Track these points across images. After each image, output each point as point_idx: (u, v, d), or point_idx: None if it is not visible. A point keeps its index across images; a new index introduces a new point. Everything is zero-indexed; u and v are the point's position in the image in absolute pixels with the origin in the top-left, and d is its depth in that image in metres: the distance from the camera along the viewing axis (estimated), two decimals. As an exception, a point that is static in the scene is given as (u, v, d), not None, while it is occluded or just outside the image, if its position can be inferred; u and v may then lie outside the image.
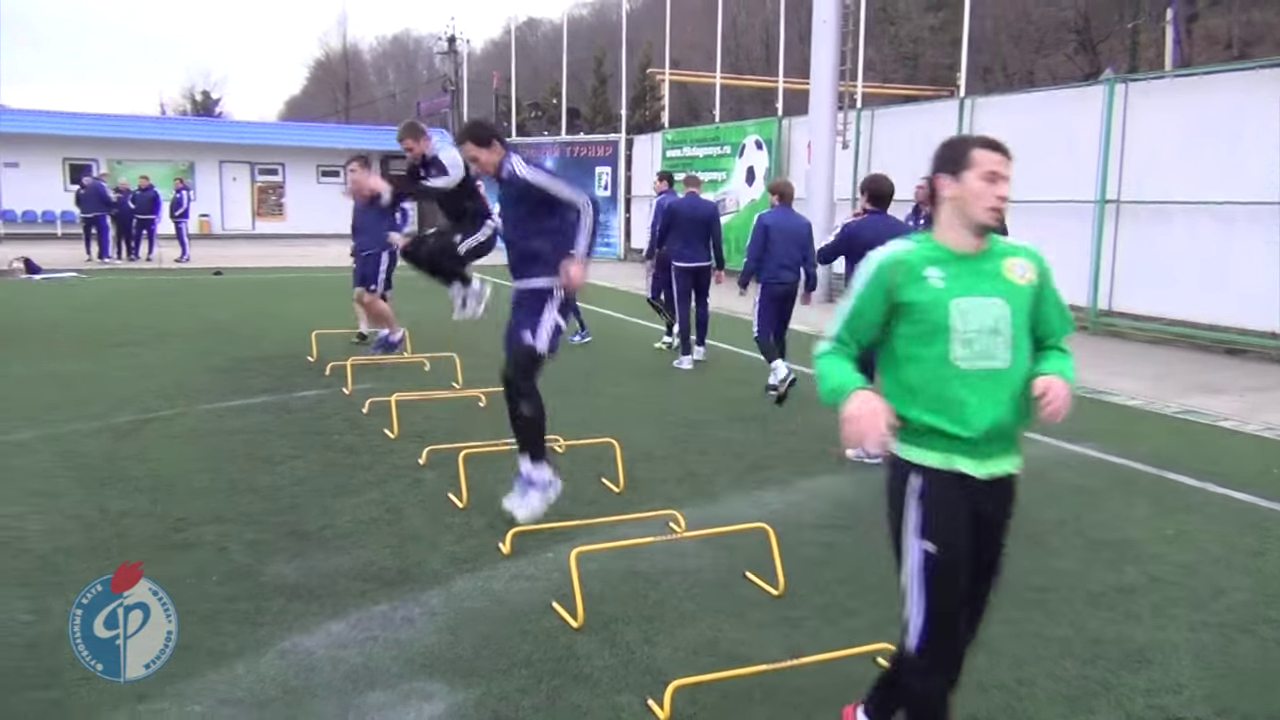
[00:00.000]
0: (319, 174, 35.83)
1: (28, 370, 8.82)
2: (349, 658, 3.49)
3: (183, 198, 23.27)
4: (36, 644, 3.56)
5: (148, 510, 5.06)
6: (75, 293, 16.10)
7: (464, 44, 41.54)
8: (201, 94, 61.94)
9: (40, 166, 31.41)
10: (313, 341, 9.73)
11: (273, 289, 17.27)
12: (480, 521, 4.95)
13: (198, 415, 7.22)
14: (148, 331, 11.41)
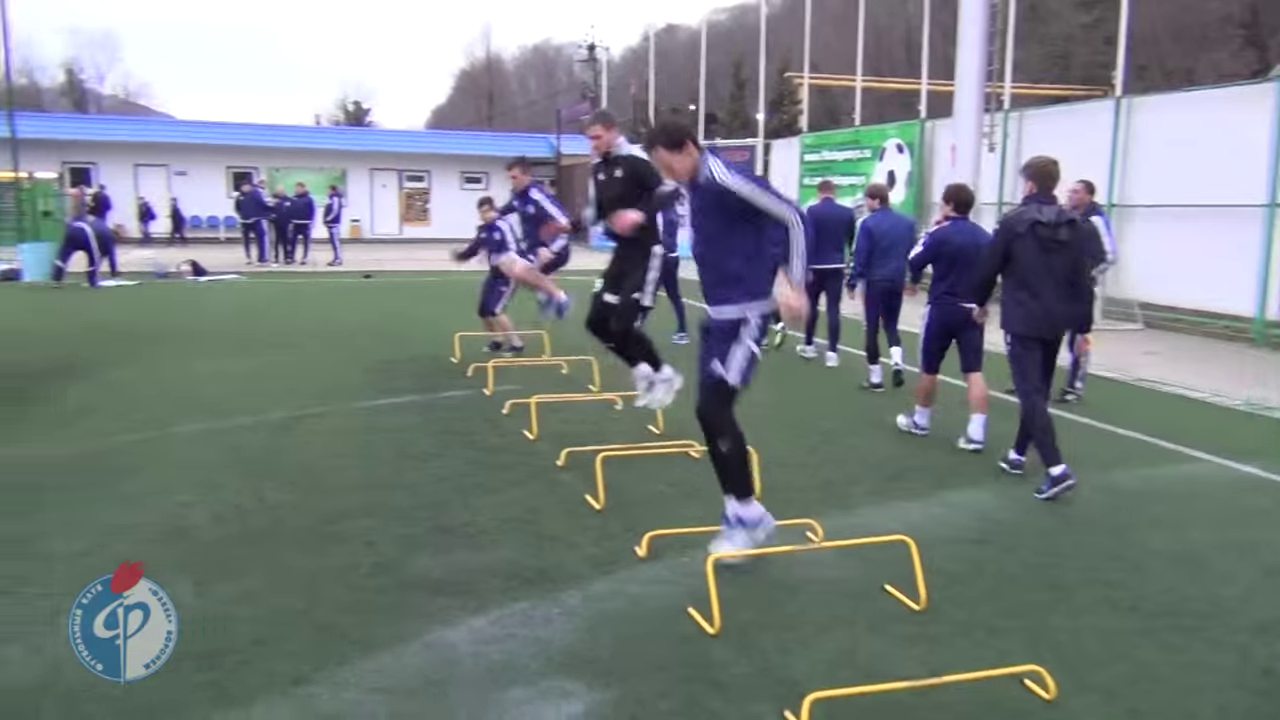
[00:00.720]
0: (462, 180, 36.85)
1: (194, 368, 9.36)
2: (490, 653, 3.57)
3: (335, 204, 24.28)
4: (198, 626, 3.75)
5: (302, 502, 5.29)
6: (236, 294, 17.00)
7: (603, 51, 42.18)
8: (353, 105, 64.69)
9: (206, 174, 33.31)
10: (455, 344, 10.01)
11: (418, 292, 17.85)
12: (617, 524, 4.99)
13: (349, 413, 7.52)
14: (303, 332, 11.97)
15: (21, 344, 10.44)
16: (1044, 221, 5.75)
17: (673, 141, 4.43)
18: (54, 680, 3.31)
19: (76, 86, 59.45)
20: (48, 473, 5.76)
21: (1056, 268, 5.78)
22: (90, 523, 4.88)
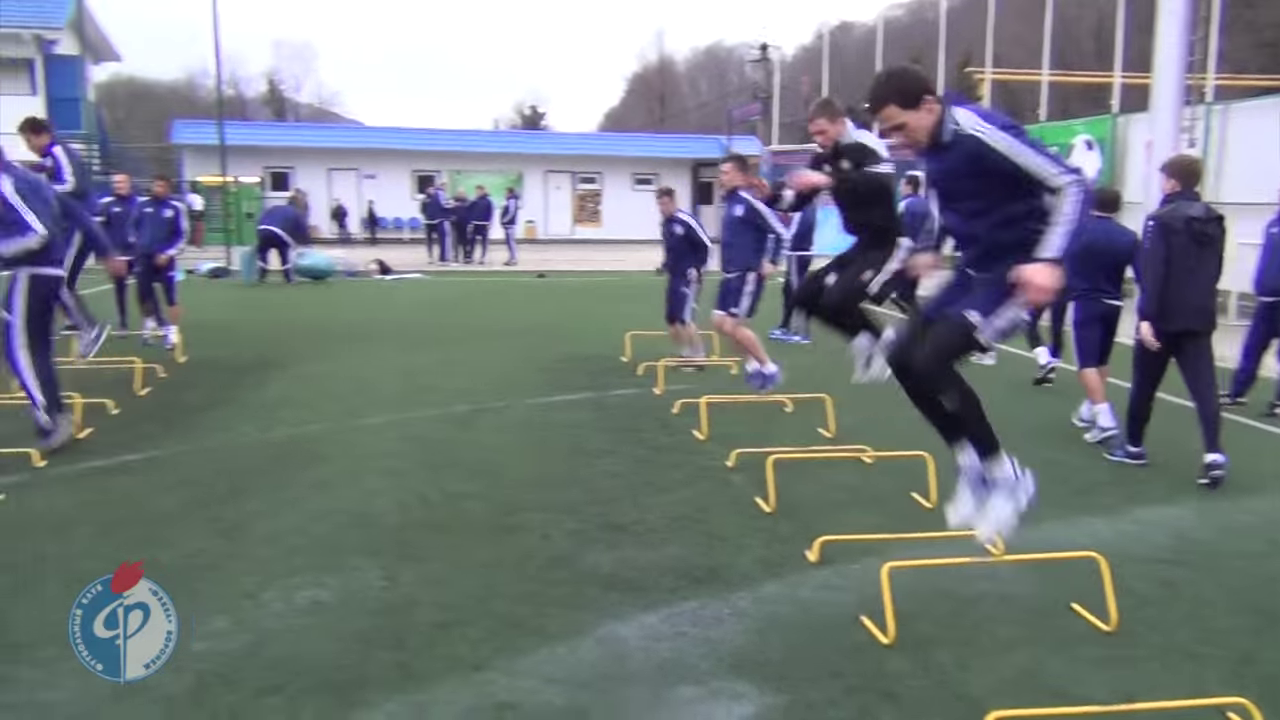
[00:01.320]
0: (633, 181, 37.33)
1: (380, 362, 9.84)
2: (660, 650, 3.60)
3: (512, 205, 25.04)
4: (387, 609, 3.95)
5: (481, 494, 5.49)
6: (419, 292, 17.76)
7: (775, 51, 41.84)
8: (530, 109, 66.56)
9: (393, 177, 34.96)
10: (626, 342, 10.16)
11: (590, 291, 18.20)
12: (787, 527, 4.95)
13: (524, 409, 7.74)
14: (480, 329, 12.41)
15: (229, 339, 11.21)
16: (1196, 217, 5.81)
17: (908, 97, 3.58)
18: (257, 650, 3.53)
19: (277, 96, 63.41)
20: (255, 458, 6.18)
21: (1206, 263, 5.86)
22: (290, 506, 5.20)
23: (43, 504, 5.17)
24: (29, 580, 4.15)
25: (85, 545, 4.58)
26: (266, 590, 4.06)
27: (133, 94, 54.87)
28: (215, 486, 5.53)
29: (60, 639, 3.57)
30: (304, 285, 18.59)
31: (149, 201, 10.71)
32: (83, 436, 6.50)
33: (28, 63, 29.66)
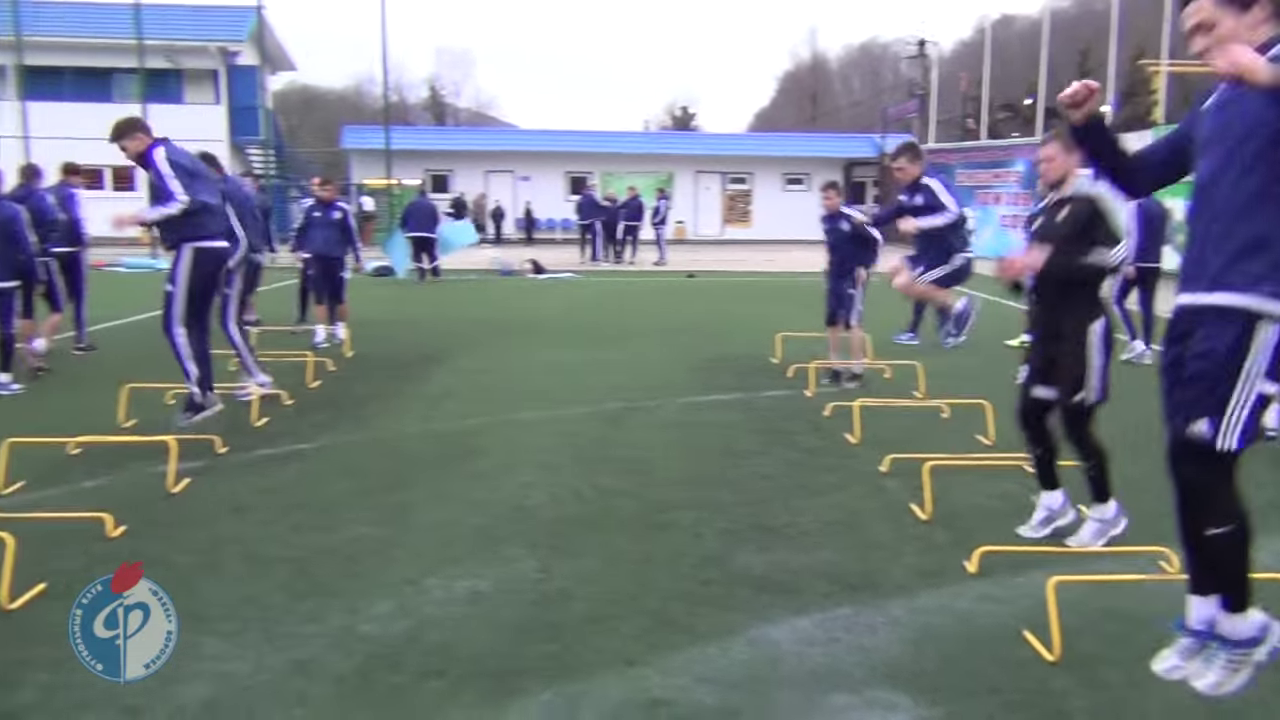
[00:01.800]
0: (784, 181, 37.04)
1: (534, 359, 10.07)
2: (813, 655, 3.56)
3: (662, 206, 25.21)
4: (543, 600, 4.03)
5: (632, 491, 5.54)
6: (571, 291, 18.09)
7: (933, 46, 40.77)
8: (680, 110, 66.86)
9: (547, 179, 35.73)
10: (777, 344, 10.08)
11: (739, 292, 18.15)
12: (944, 536, 4.81)
13: (675, 408, 7.78)
14: (631, 328, 12.55)
15: (392, 335, 11.69)
16: None
17: None
18: (419, 635, 3.66)
19: (437, 101, 65.68)
20: (417, 450, 6.42)
21: None
22: (450, 496, 5.38)
23: (223, 488, 5.50)
24: (212, 559, 4.42)
25: (261, 528, 4.85)
26: (428, 578, 4.21)
27: (305, 101, 57.81)
28: (381, 475, 5.77)
29: (240, 614, 3.81)
30: (458, 283, 19.19)
31: (316, 205, 11.15)
32: (259, 425, 6.89)
33: (212, 74, 31.70)
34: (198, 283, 6.48)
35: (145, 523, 4.84)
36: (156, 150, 6.37)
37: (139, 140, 6.41)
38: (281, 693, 3.22)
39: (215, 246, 6.58)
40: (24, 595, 3.90)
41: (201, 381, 6.56)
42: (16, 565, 3.89)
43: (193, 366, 6.53)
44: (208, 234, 6.48)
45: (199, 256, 6.46)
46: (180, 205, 6.26)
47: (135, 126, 6.49)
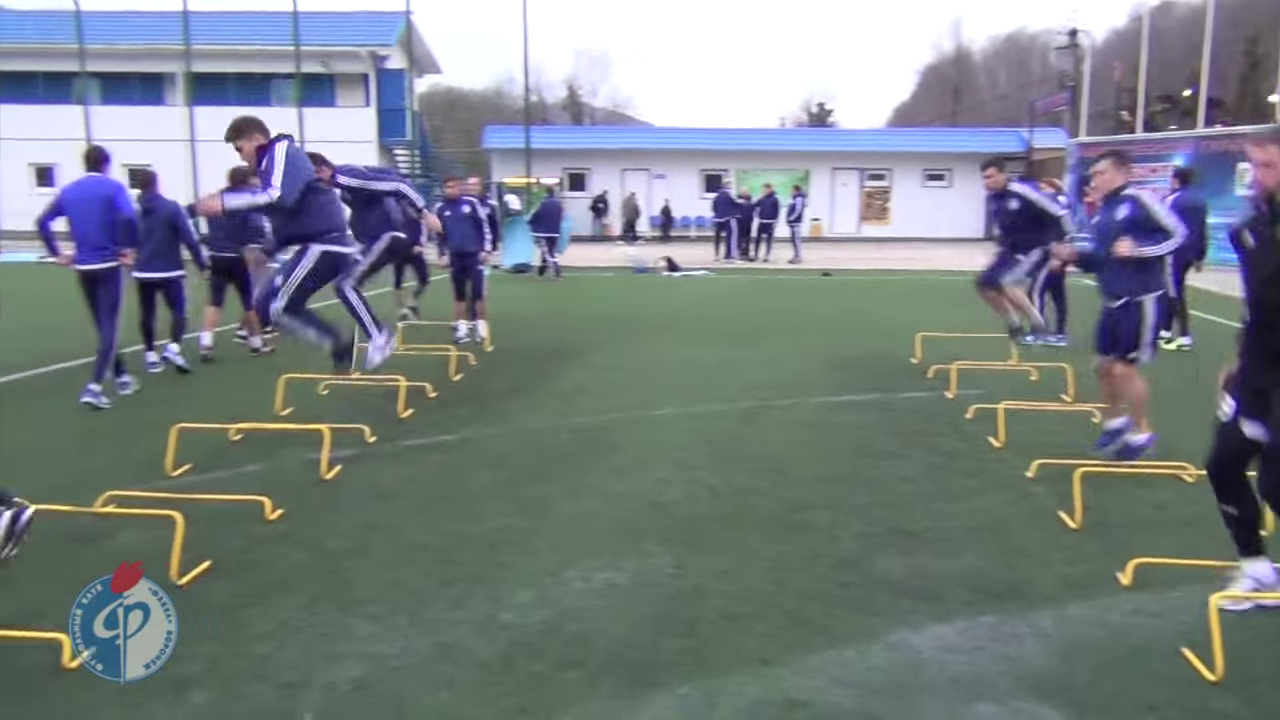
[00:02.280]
0: (924, 178, 36.17)
1: (667, 356, 10.12)
2: (956, 663, 3.47)
3: (798, 203, 24.95)
4: (678, 595, 4.05)
5: (767, 490, 5.51)
6: (705, 289, 18.09)
7: (1085, 36, 39.09)
8: (817, 106, 66.04)
9: (681, 177, 35.81)
10: (916, 344, 9.85)
11: (877, 291, 17.81)
12: (1095, 546, 4.62)
13: (810, 407, 7.70)
14: (765, 326, 12.47)
15: (529, 330, 11.92)
16: None
17: None
18: (558, 625, 3.73)
19: (575, 101, 66.64)
20: (556, 443, 6.54)
21: None
22: (588, 490, 5.46)
23: (371, 476, 5.72)
24: (361, 543, 4.61)
25: (407, 515, 5.02)
26: (567, 569, 4.28)
27: (448, 102, 59.52)
28: (520, 468, 5.90)
29: (389, 598, 3.95)
30: (593, 280, 19.43)
31: (446, 204, 11.38)
32: (405, 416, 7.13)
33: (363, 77, 32.95)
34: (310, 281, 6.50)
35: (300, 507, 5.08)
36: (279, 144, 6.26)
37: (256, 139, 6.31)
38: (428, 675, 3.33)
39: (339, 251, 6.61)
40: (192, 572, 4.14)
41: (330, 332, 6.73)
42: (185, 543, 4.14)
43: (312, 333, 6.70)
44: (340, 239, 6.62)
45: (324, 258, 6.48)
46: (270, 197, 6.03)
47: (254, 126, 6.37)
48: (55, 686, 3.22)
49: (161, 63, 31.84)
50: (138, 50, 31.75)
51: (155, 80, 33.04)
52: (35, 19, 33.89)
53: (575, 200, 35.56)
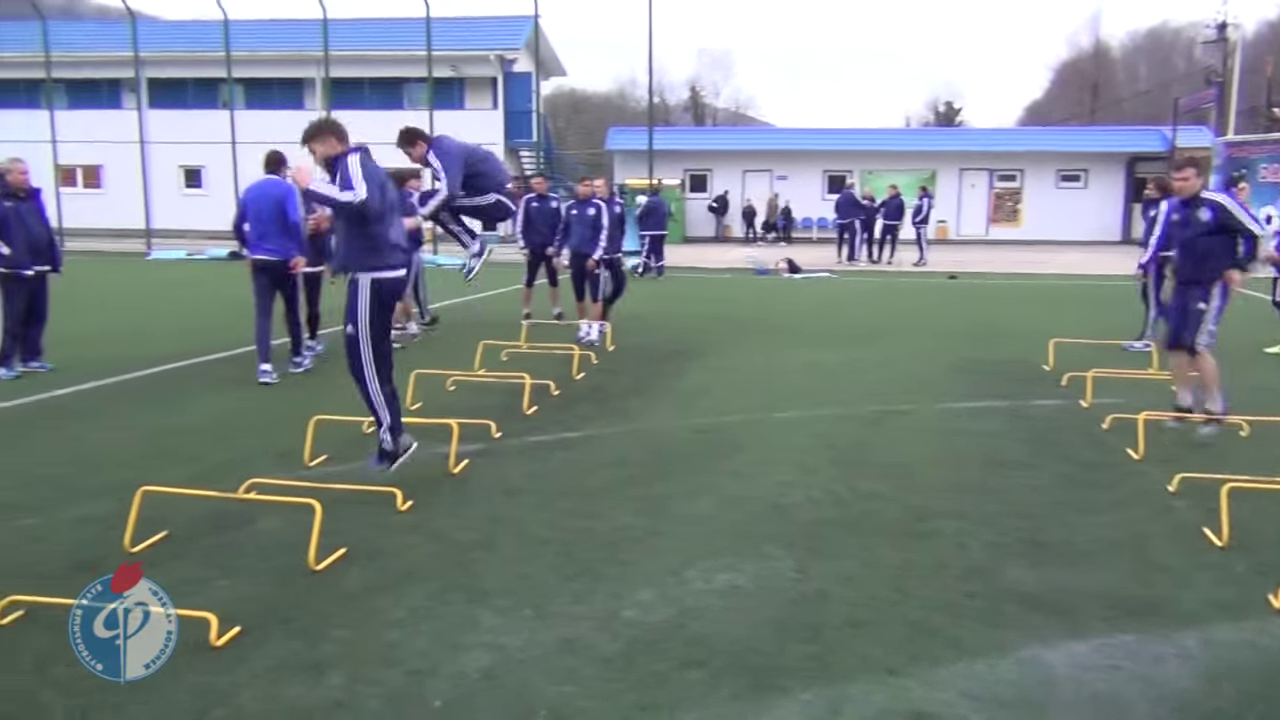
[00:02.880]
0: (1058, 179, 34.95)
1: (788, 358, 10.03)
2: (1092, 682, 3.34)
3: (924, 204, 24.42)
4: (801, 600, 4.01)
5: (892, 496, 5.41)
6: (827, 291, 17.87)
7: (1234, 29, 37.10)
8: (944, 105, 64.46)
9: (804, 178, 35.43)
10: (1049, 350, 9.53)
11: (1006, 295, 17.30)
12: (1244, 564, 4.39)
13: (935, 413, 7.52)
14: (888, 330, 12.25)
15: (651, 330, 11.98)
16: None
17: None
18: (680, 624, 3.74)
19: (697, 102, 66.67)
20: (676, 443, 6.56)
21: None
22: (708, 491, 5.45)
23: (498, 471, 5.83)
24: (488, 536, 4.70)
25: (531, 510, 5.10)
26: (688, 569, 4.29)
27: (572, 104, 60.27)
28: (641, 467, 5.94)
29: (514, 591, 4.03)
30: (712, 281, 19.40)
31: (575, 203, 11.51)
32: (529, 413, 7.26)
33: (491, 81, 33.65)
34: (376, 313, 5.54)
35: (429, 499, 5.22)
36: (351, 155, 5.42)
37: (330, 145, 5.48)
38: (552, 668, 3.38)
39: (391, 278, 5.54)
40: (328, 558, 4.30)
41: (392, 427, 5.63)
42: (321, 530, 4.30)
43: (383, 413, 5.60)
44: (386, 264, 5.51)
45: (376, 287, 5.49)
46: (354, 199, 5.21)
47: (329, 129, 5.57)
48: (202, 663, 3.38)
49: (302, 68, 33.15)
50: (280, 57, 33.13)
51: (295, 85, 34.40)
52: (186, 28, 35.77)
53: (696, 201, 35.61)
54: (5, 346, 8.53)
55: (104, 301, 14.78)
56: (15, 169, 8.57)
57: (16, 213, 8.47)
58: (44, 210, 8.89)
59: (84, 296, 13.38)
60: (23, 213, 8.53)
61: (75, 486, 5.39)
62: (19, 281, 8.54)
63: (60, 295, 9.43)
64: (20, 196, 8.56)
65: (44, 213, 8.88)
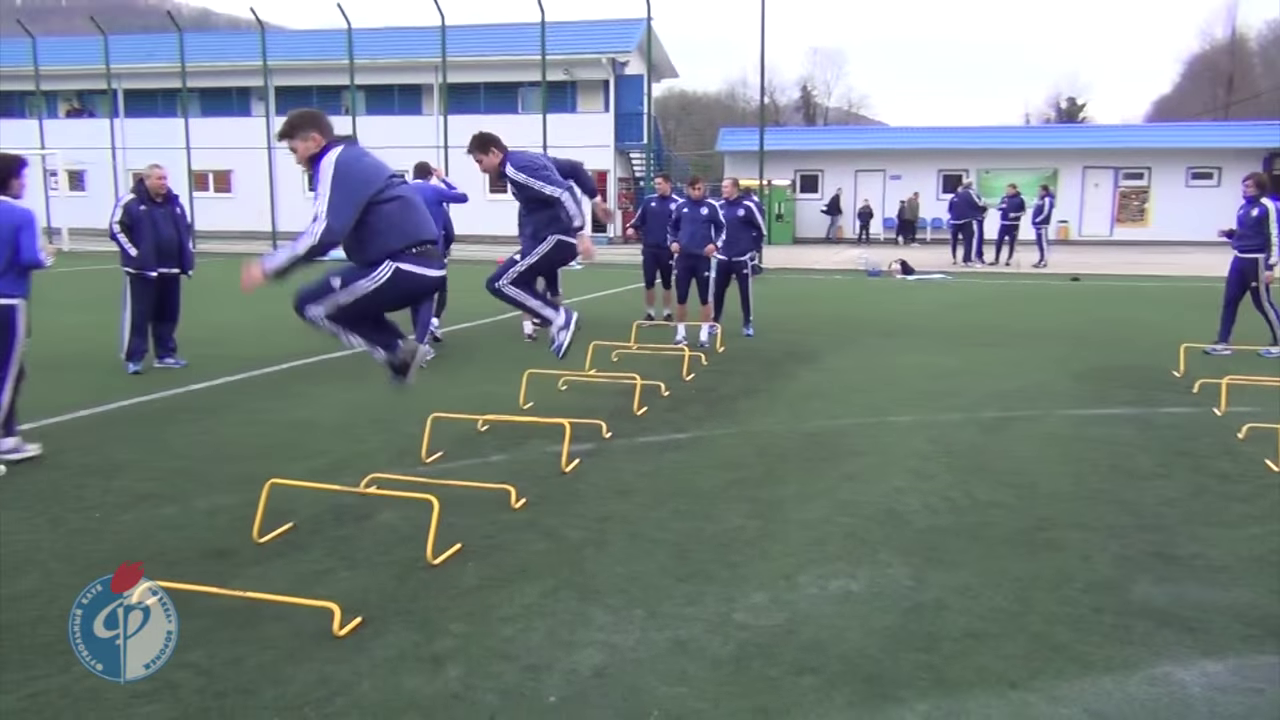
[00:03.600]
0: (1188, 176, 33.46)
1: (903, 360, 9.84)
2: (1229, 705, 3.18)
3: (1045, 204, 23.66)
4: (916, 609, 3.92)
5: (1012, 504, 5.25)
6: (942, 293, 17.47)
7: (1388, 16, 34.91)
8: (1066, 101, 62.31)
9: (918, 177, 34.73)
10: (1180, 355, 9.12)
11: (1132, 297, 16.66)
12: (1398, 587, 4.12)
13: (1058, 419, 7.28)
14: (1007, 333, 11.90)
15: (762, 331, 11.88)
16: None
17: None
18: (793, 630, 3.70)
19: (808, 101, 66.00)
20: (788, 446, 6.50)
21: None
22: (821, 494, 5.39)
23: (609, 470, 5.87)
24: (600, 535, 4.74)
25: (642, 510, 5.12)
26: (800, 574, 4.24)
27: (681, 106, 60.36)
28: (753, 469, 5.90)
29: (626, 590, 4.05)
30: (823, 282, 19.16)
31: (688, 202, 11.48)
32: (639, 414, 7.28)
33: (603, 84, 33.95)
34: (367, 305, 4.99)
35: (542, 497, 5.29)
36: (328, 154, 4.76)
37: (313, 141, 4.83)
38: (664, 669, 3.38)
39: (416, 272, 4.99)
40: (444, 553, 4.40)
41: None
42: (438, 525, 4.40)
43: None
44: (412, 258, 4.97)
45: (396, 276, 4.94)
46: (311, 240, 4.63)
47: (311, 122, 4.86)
48: (325, 652, 3.50)
49: (420, 74, 34.04)
50: (399, 64, 34.09)
51: (414, 91, 35.35)
52: (311, 38, 37.10)
53: (807, 202, 35.25)
54: (132, 344, 8.92)
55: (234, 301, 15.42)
56: (154, 174, 8.95)
57: (150, 216, 8.82)
58: (182, 215, 9.25)
59: (216, 296, 13.98)
60: (156, 217, 8.88)
61: (208, 478, 5.63)
62: (145, 282, 8.89)
63: (193, 295, 9.88)
64: (157, 201, 8.94)
65: (181, 218, 9.23)
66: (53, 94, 37.73)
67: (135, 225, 8.78)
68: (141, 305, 8.94)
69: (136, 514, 5.04)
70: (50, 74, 34.58)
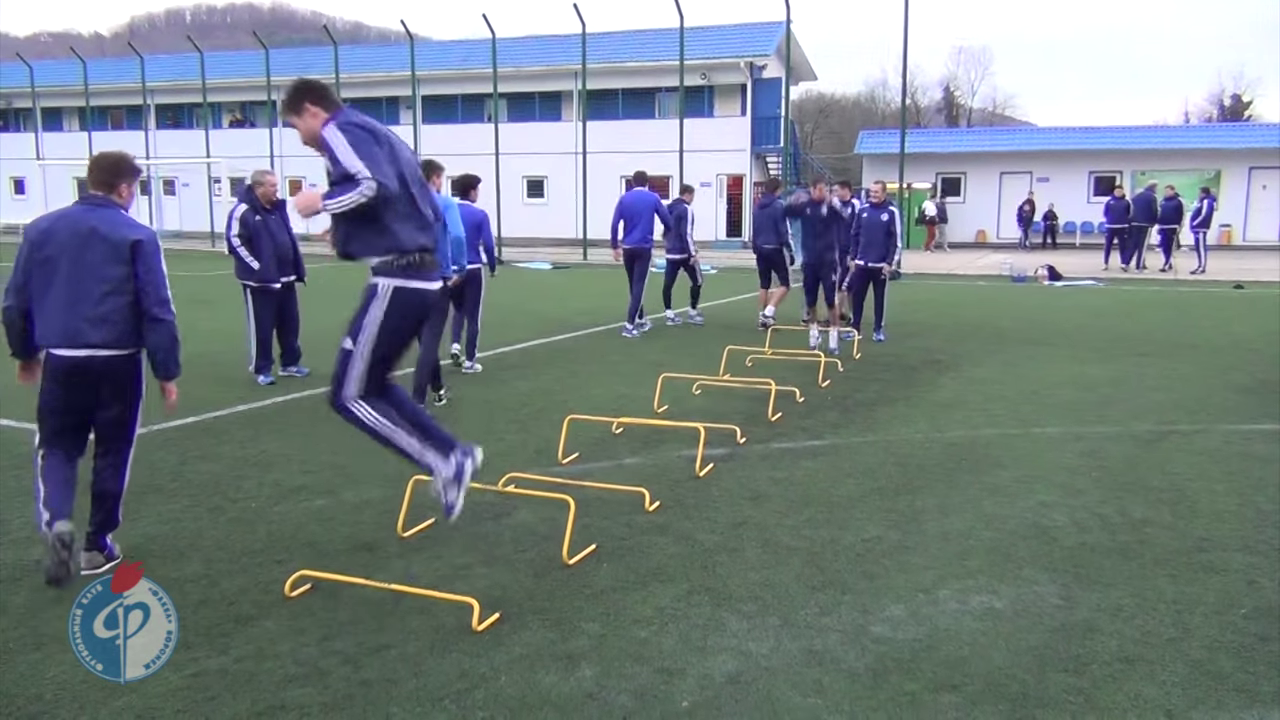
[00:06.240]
0: (1371, 176, 31.16)
1: (1055, 371, 9.45)
2: None
3: (1205, 207, 22.41)
4: (1064, 629, 3.76)
5: (1169, 523, 4.98)
6: (1093, 300, 16.73)
7: None
8: (1230, 97, 58.89)
9: (1067, 180, 33.39)
10: (1359, 368, 8.50)
11: (1303, 306, 15.58)
12: None
13: (1221, 434, 6.87)
14: (1164, 342, 11.31)
15: (899, 338, 11.63)
16: None
17: None
18: (932, 645, 3.59)
19: (951, 102, 64.28)
20: (928, 456, 6.32)
21: None
22: (962, 507, 5.23)
23: (743, 476, 5.83)
24: (733, 541, 4.71)
25: (776, 517, 5.07)
26: (940, 588, 4.12)
27: (819, 108, 59.61)
28: (891, 478, 5.77)
29: (759, 597, 4.02)
30: (964, 288, 18.60)
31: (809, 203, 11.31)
32: (774, 420, 7.22)
33: (740, 87, 33.85)
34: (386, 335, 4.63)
35: (675, 500, 5.30)
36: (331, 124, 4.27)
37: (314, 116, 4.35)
38: (798, 679, 3.34)
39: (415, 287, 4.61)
40: (580, 553, 4.45)
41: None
42: (573, 526, 4.45)
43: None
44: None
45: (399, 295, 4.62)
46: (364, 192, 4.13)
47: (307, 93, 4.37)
48: (464, 645, 3.58)
49: (560, 81, 34.62)
50: (540, 72, 34.77)
51: (554, 98, 35.98)
52: (455, 48, 38.21)
53: (950, 206, 34.30)
54: (260, 359, 8.80)
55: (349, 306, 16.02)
56: (266, 181, 8.79)
57: (265, 225, 8.66)
58: (288, 221, 9.06)
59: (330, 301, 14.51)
60: (271, 225, 8.73)
61: (356, 473, 5.85)
62: (268, 294, 8.77)
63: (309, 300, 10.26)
64: (268, 209, 8.78)
65: (289, 224, 9.05)
66: (217, 105, 39.91)
67: (254, 236, 8.62)
68: (266, 318, 8.83)
69: (289, 505, 5.27)
70: (215, 86, 36.57)
